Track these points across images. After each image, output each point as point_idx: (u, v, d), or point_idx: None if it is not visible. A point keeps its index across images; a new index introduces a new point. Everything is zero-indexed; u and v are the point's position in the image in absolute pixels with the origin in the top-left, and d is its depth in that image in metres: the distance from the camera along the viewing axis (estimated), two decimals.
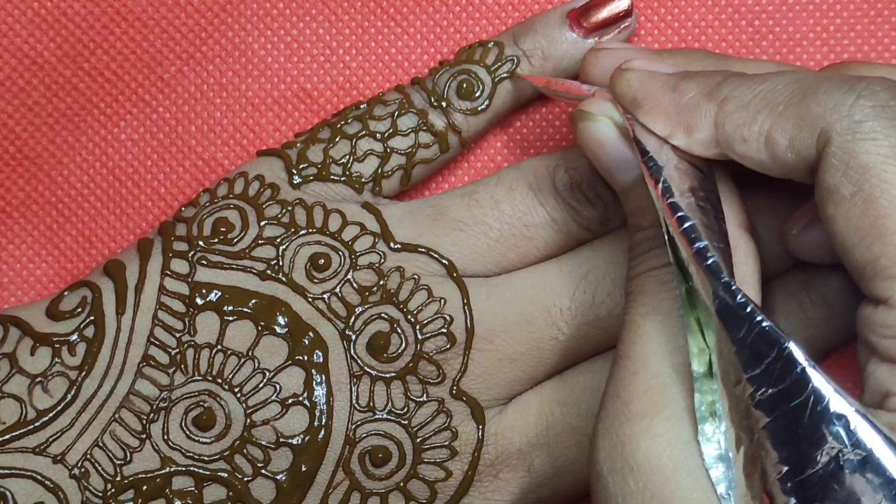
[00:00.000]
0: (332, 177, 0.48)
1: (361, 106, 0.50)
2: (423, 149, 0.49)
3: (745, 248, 0.41)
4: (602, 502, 0.39)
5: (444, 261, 0.47)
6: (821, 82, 0.39)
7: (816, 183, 0.38)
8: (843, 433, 0.35)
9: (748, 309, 0.36)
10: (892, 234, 0.36)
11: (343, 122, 0.49)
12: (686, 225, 0.38)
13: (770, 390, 0.36)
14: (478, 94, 0.49)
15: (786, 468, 0.35)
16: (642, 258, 0.42)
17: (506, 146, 0.52)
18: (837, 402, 0.35)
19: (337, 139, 0.48)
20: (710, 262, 0.37)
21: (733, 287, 0.37)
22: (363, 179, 0.48)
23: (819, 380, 0.35)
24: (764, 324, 0.36)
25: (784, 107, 0.39)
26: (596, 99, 0.44)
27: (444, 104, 0.49)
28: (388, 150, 0.49)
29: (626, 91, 0.43)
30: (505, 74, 0.49)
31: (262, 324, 0.45)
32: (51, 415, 0.44)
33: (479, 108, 0.49)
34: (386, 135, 0.49)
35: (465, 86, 0.49)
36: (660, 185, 0.40)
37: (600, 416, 0.40)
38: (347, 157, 0.48)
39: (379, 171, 0.48)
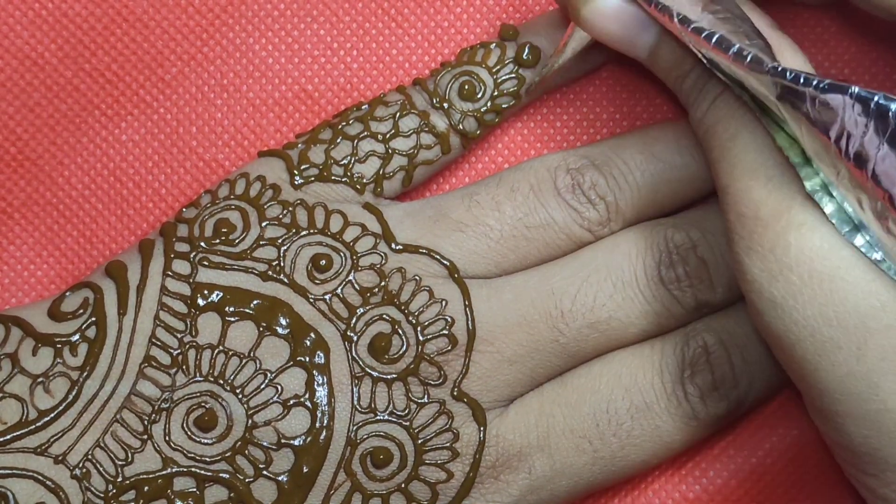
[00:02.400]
0: (333, 177, 0.48)
1: (363, 107, 0.50)
2: (424, 150, 0.49)
3: (785, 43, 0.42)
4: (772, 320, 0.40)
5: (445, 262, 0.47)
6: None
7: None
8: None
9: (802, 79, 0.37)
10: None
11: (345, 123, 0.49)
12: (714, 39, 0.39)
13: (858, 137, 0.36)
14: (479, 96, 0.49)
15: None
16: (701, 97, 0.42)
17: (507, 147, 0.52)
18: None
19: (338, 140, 0.49)
20: (749, 58, 0.38)
21: (779, 68, 0.37)
22: (364, 180, 0.48)
23: None
24: (822, 84, 0.36)
25: None
26: None
27: (445, 105, 0.49)
28: (390, 151, 0.49)
29: None
30: (506, 77, 0.49)
31: (264, 324, 0.45)
32: (52, 415, 0.44)
33: (481, 110, 0.49)
34: (388, 136, 0.49)
35: (466, 87, 0.49)
36: (676, 20, 0.40)
37: (734, 245, 0.41)
38: (349, 157, 0.48)
39: (380, 172, 0.48)
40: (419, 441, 0.45)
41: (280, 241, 0.46)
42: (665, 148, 0.48)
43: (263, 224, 0.47)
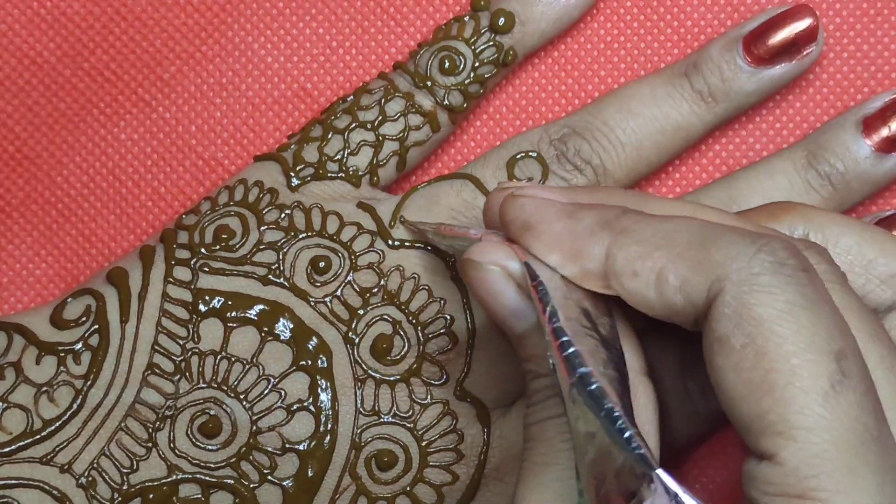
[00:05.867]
0: (329, 174, 0.48)
1: (348, 98, 0.49)
2: (414, 131, 0.49)
3: (644, 392, 0.39)
4: None
5: (440, 255, 0.47)
6: (724, 231, 0.37)
7: (705, 332, 0.36)
8: None
9: (626, 434, 0.34)
10: (782, 389, 0.34)
11: (333, 118, 0.49)
12: (569, 351, 0.36)
13: None
14: (461, 69, 0.49)
15: None
16: (540, 406, 0.40)
17: (491, 132, 0.52)
18: None
19: (329, 136, 0.48)
20: (593, 387, 0.35)
21: (615, 412, 0.34)
22: (360, 172, 0.48)
23: None
24: (639, 451, 0.33)
25: (683, 248, 0.37)
26: (483, 245, 0.41)
27: (428, 83, 0.49)
28: (380, 138, 0.48)
29: (517, 214, 0.40)
30: (484, 46, 0.49)
31: (266, 329, 0.45)
32: (57, 424, 0.44)
33: (465, 82, 0.49)
34: (376, 123, 0.48)
35: (447, 62, 0.49)
36: (547, 311, 0.37)
37: None
38: (342, 152, 0.48)
39: (374, 160, 0.48)
40: (423, 443, 0.45)
41: (279, 244, 0.46)
42: (641, 102, 0.48)
43: (262, 228, 0.47)
